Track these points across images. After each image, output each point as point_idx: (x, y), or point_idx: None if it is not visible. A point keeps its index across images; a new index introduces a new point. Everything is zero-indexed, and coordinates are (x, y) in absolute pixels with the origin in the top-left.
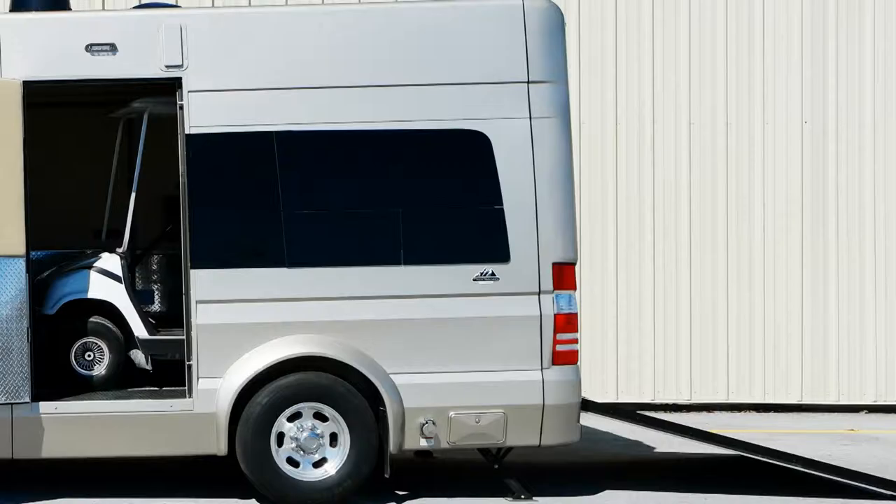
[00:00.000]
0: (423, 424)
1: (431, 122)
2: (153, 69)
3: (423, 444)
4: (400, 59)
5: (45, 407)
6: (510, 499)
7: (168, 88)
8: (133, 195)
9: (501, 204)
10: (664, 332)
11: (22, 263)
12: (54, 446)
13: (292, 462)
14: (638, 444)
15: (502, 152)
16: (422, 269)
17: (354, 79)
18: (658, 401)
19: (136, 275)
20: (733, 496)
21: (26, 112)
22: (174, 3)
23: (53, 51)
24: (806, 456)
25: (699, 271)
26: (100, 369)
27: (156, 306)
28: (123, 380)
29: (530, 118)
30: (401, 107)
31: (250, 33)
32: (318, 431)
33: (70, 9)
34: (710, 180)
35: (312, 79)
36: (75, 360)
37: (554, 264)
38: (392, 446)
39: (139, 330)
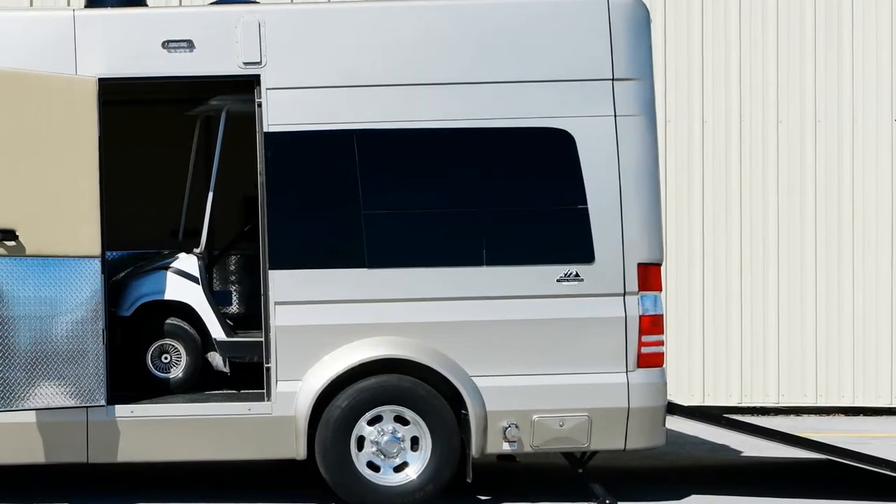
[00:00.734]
0: (506, 428)
1: (515, 120)
2: (231, 66)
3: (506, 447)
4: (483, 56)
5: (121, 410)
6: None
7: (246, 86)
8: (211, 195)
9: (586, 203)
10: (751, 334)
11: (97, 264)
12: (130, 450)
13: (373, 466)
14: (724, 448)
15: (587, 151)
16: (504, 270)
17: (437, 76)
18: (745, 404)
19: (214, 275)
20: (822, 501)
21: (102, 110)
22: None
23: (129, 48)
24: None
25: (787, 271)
26: (176, 372)
27: (233, 307)
28: (200, 382)
29: (615, 116)
30: (484, 104)
31: (330, 29)
32: (399, 435)
33: (146, 5)
34: (798, 179)
35: (394, 76)
36: (151, 362)
37: (639, 265)
38: (474, 450)
39: (217, 332)
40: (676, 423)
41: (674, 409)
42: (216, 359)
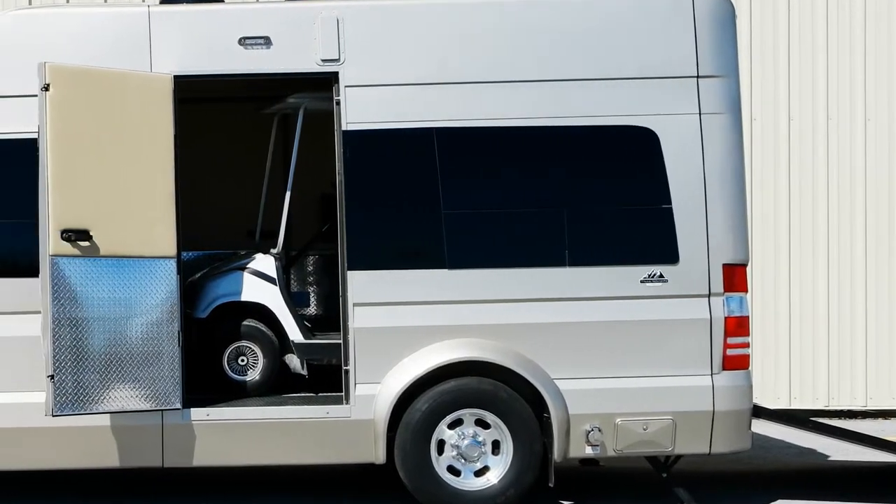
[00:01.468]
0: (589, 432)
1: (597, 118)
2: (309, 63)
3: (589, 451)
4: (565, 53)
5: (197, 413)
6: None
7: (324, 83)
8: (288, 194)
9: (670, 203)
10: (839, 336)
11: (173, 265)
12: (206, 454)
13: (453, 470)
14: (811, 451)
15: (671, 149)
16: (587, 271)
17: (518, 73)
18: (832, 407)
19: (291, 276)
20: None
21: (177, 108)
22: None
23: (205, 44)
24: None
25: (875, 272)
26: (253, 374)
27: (311, 309)
28: (277, 385)
29: (700, 114)
30: (565, 102)
31: (410, 25)
32: (480, 439)
33: (223, 1)
34: (885, 179)
35: (474, 73)
36: (228, 364)
37: (724, 265)
38: (556, 454)
39: (294, 333)
40: (762, 427)
41: (759, 412)
42: (293, 361)
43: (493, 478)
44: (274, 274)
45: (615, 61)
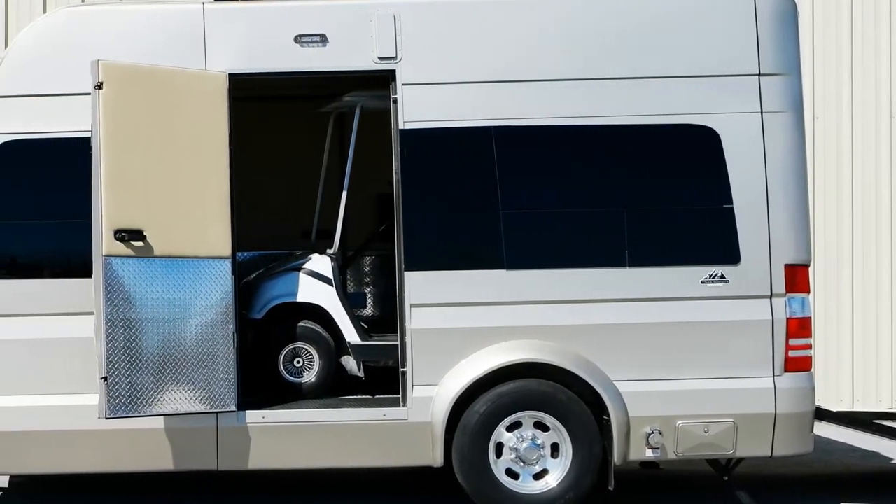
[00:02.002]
0: (649, 434)
1: (657, 117)
2: (365, 61)
3: (649, 454)
4: (624, 51)
5: (252, 416)
6: None
7: (381, 81)
8: (344, 194)
9: (731, 202)
10: None
11: (228, 265)
12: (261, 457)
13: (511, 474)
14: (875, 454)
15: (732, 148)
16: (647, 272)
17: (577, 71)
18: None
19: (348, 277)
20: None
21: (232, 106)
22: None
23: (260, 42)
24: None
25: None
26: (309, 376)
27: (368, 310)
28: (333, 387)
29: (761, 112)
30: (625, 100)
31: (468, 23)
32: (539, 441)
33: None
34: None
35: (533, 71)
36: (283, 366)
37: (786, 266)
38: (616, 457)
39: (351, 335)
40: (825, 429)
41: (822, 414)
42: (350, 363)
43: (552, 481)
44: (330, 274)
45: (676, 59)
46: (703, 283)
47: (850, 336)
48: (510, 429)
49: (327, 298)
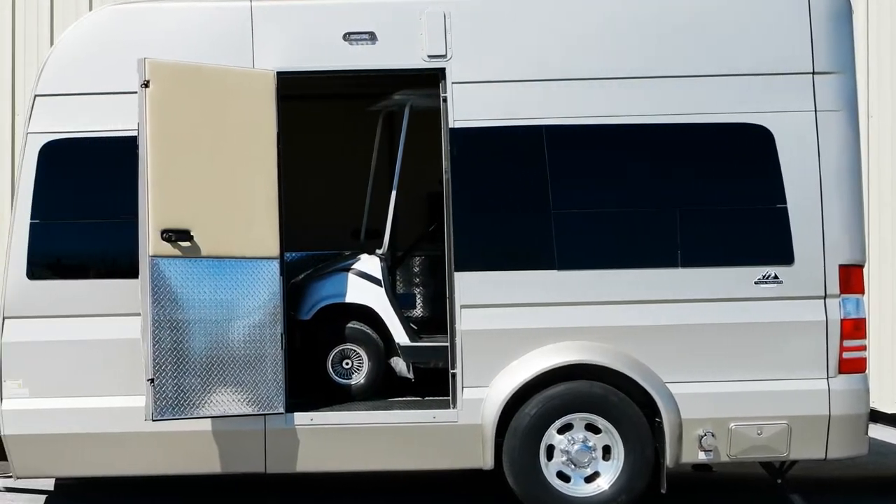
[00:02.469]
0: (702, 436)
1: (709, 116)
2: (415, 59)
3: (702, 457)
4: (677, 49)
5: (300, 418)
6: None
7: (431, 79)
8: (394, 193)
9: (785, 202)
10: None
11: (276, 265)
12: (309, 460)
13: (562, 476)
14: None
15: (785, 147)
16: (700, 272)
17: (630, 69)
18: None
19: (397, 277)
20: None
21: (280, 105)
22: None
23: (308, 40)
24: None
25: None
26: (358, 378)
27: (417, 311)
28: (382, 389)
29: (815, 111)
30: (677, 99)
31: (519, 21)
32: (591, 444)
33: None
34: None
35: (585, 69)
36: (332, 367)
37: (840, 266)
38: (668, 460)
39: (400, 336)
40: (879, 432)
41: (877, 416)
42: (399, 364)
43: (603, 484)
44: (379, 275)
45: (729, 57)
46: (756, 283)
47: None
48: (561, 431)
49: (376, 299)
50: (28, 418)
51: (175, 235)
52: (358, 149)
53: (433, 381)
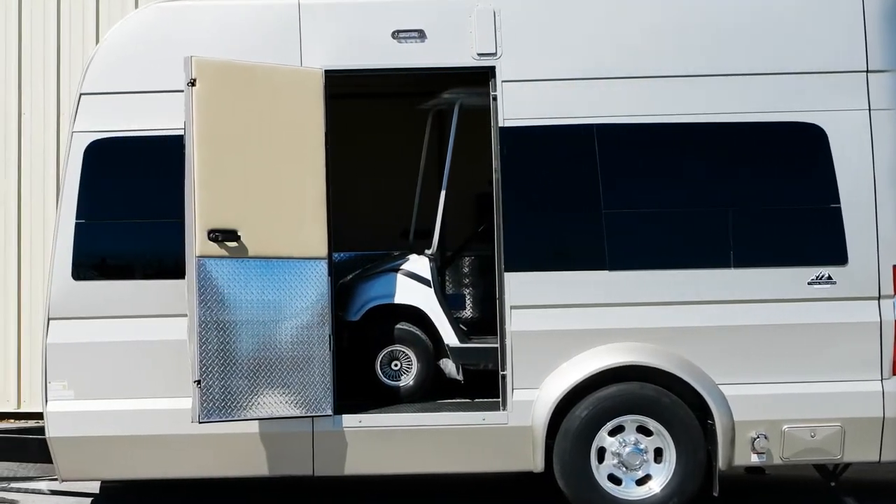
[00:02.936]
0: (755, 439)
1: (762, 115)
2: (464, 57)
3: (755, 459)
4: (730, 47)
5: (349, 420)
6: None
7: (480, 78)
8: (443, 193)
9: (838, 202)
10: None
11: (324, 266)
12: (358, 462)
13: (614, 479)
14: None
15: (839, 146)
16: (752, 273)
17: (682, 68)
18: None
19: (446, 278)
20: None
21: (328, 103)
22: None
23: (357, 38)
24: None
25: None
26: (407, 379)
27: (467, 312)
28: (432, 391)
29: (869, 110)
30: (730, 98)
31: (570, 19)
32: (642, 446)
33: None
34: None
35: (637, 68)
36: (381, 369)
37: (895, 266)
38: (721, 462)
39: (450, 337)
40: None
41: None
42: (449, 366)
43: (655, 486)
44: (428, 275)
45: (783, 56)
46: (809, 284)
47: None
48: (613, 433)
49: (426, 300)
50: (73, 420)
51: (222, 235)
52: (407, 148)
53: (483, 383)
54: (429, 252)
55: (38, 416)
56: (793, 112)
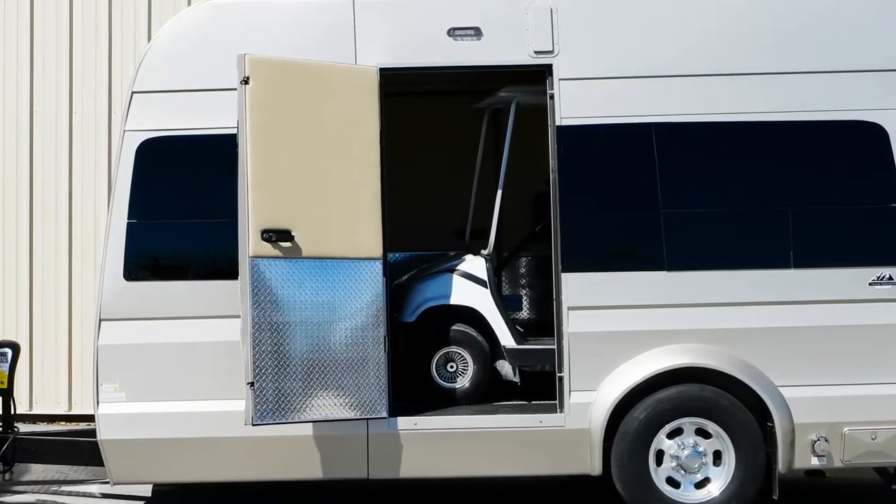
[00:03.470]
0: (815, 441)
1: (823, 113)
2: (521, 55)
3: (815, 462)
4: (791, 46)
5: (404, 422)
6: None
7: (537, 76)
8: (499, 192)
9: None
10: None
11: (378, 266)
12: (413, 465)
13: (672, 482)
14: None
15: None
16: (813, 273)
17: (739, 66)
18: None
19: (503, 278)
20: None
21: (383, 102)
22: None
23: (412, 35)
24: None
25: None
26: (463, 381)
27: (524, 313)
28: (488, 393)
29: None
30: (790, 96)
31: (627, 16)
32: (701, 449)
33: None
34: None
35: (696, 66)
36: (436, 371)
37: None
38: (781, 465)
39: (506, 339)
40: None
41: None
42: (505, 367)
43: (714, 490)
44: (485, 276)
45: (839, 53)
46: (870, 284)
47: None
48: (671, 436)
49: (482, 301)
50: (125, 423)
51: (275, 235)
52: (463, 147)
53: (540, 385)
54: (485, 252)
55: (90, 418)
56: (854, 111)
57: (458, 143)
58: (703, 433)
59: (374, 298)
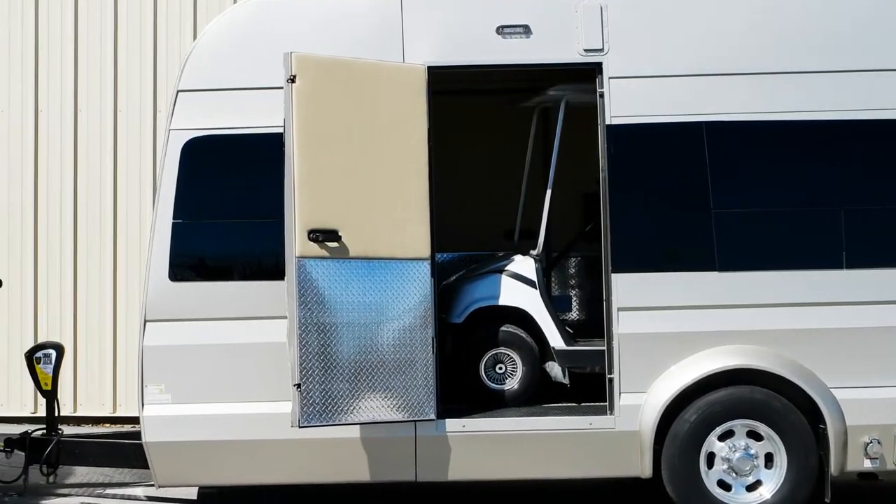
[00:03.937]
0: (868, 444)
1: (875, 112)
2: (570, 53)
3: (867, 465)
4: (844, 44)
5: (452, 425)
6: None
7: (587, 74)
8: (549, 192)
9: None
10: None
11: (427, 267)
12: (461, 468)
13: (723, 485)
14: None
15: None
16: (866, 274)
17: (795, 64)
18: None
19: (552, 279)
20: None
21: (431, 101)
22: None
23: (461, 34)
24: None
25: None
26: (512, 383)
27: (573, 314)
28: (537, 395)
29: None
30: (843, 95)
31: (677, 14)
32: (753, 451)
33: None
34: None
35: (749, 63)
36: (485, 372)
37: None
38: (833, 468)
39: (555, 340)
40: None
41: None
42: (555, 369)
43: (765, 493)
44: (534, 276)
45: (892, 52)
46: None
47: None
48: (722, 438)
49: (531, 302)
50: (170, 425)
51: (322, 236)
52: (511, 146)
53: (590, 387)
54: (534, 253)
55: (135, 420)
56: None
57: (507, 143)
58: (754, 435)
59: (422, 299)
